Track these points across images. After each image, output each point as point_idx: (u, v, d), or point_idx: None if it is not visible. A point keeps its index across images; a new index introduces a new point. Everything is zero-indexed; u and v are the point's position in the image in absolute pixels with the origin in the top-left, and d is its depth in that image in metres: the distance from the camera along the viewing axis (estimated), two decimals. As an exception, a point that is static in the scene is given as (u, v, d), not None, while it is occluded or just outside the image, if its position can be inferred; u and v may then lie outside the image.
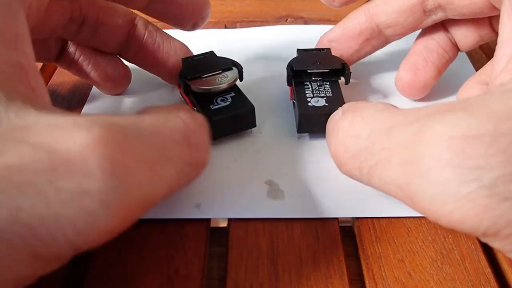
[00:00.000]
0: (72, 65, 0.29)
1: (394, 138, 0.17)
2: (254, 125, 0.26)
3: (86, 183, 0.13)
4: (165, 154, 0.17)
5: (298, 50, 0.29)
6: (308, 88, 0.27)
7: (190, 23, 0.27)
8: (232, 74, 0.26)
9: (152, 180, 0.16)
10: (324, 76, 0.27)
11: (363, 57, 0.30)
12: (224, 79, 0.26)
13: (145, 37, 0.28)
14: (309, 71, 0.27)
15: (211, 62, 0.27)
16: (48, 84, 0.32)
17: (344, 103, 0.25)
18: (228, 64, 0.27)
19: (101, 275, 0.20)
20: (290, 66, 0.27)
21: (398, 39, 0.28)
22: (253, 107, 0.25)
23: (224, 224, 0.22)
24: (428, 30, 0.28)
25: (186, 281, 0.20)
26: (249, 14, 0.41)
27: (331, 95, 0.26)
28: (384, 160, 0.17)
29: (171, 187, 0.17)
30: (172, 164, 0.17)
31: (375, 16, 0.27)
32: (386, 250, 0.21)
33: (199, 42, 0.35)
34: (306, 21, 0.40)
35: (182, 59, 0.28)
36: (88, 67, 0.28)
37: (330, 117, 0.23)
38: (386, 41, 0.29)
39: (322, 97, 0.26)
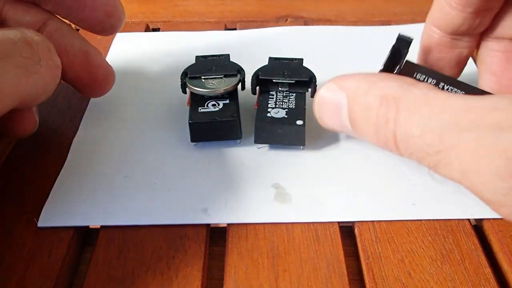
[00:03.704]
0: None
1: (447, 142, 0.18)
2: (238, 137, 0.26)
3: None
4: (2, 50, 0.19)
5: (270, 58, 0.28)
6: (273, 98, 0.26)
7: (94, 22, 0.25)
8: (232, 80, 0.26)
9: None
10: (291, 87, 0.27)
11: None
12: (222, 84, 0.26)
13: (52, 37, 0.25)
14: (274, 80, 0.26)
15: (219, 65, 0.27)
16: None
17: (305, 116, 0.25)
18: (233, 70, 0.27)
19: (101, 275, 0.20)
20: (256, 75, 0.26)
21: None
22: (237, 118, 0.25)
23: (224, 224, 0.22)
24: None
25: (186, 281, 0.20)
26: (249, 14, 0.41)
27: (293, 107, 0.26)
28: (444, 161, 0.18)
29: (19, 81, 0.20)
30: (14, 60, 0.20)
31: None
32: (386, 250, 0.21)
33: (199, 43, 0.36)
34: (306, 21, 0.40)
35: (196, 56, 0.28)
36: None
37: (324, 95, 0.22)
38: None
39: (284, 108, 0.25)
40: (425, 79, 0.26)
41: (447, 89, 0.25)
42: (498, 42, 0.25)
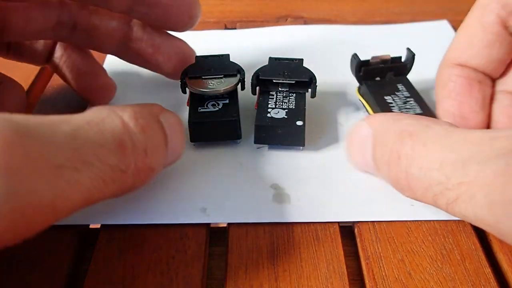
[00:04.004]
0: (57, 71, 0.29)
1: (472, 172, 0.16)
2: (238, 137, 0.26)
3: None
4: (79, 157, 0.16)
5: (270, 58, 0.28)
6: (273, 98, 0.26)
7: (178, 25, 0.27)
8: (231, 81, 0.26)
9: (56, 186, 0.15)
10: (291, 88, 0.27)
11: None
12: (221, 85, 0.26)
13: (143, 38, 0.27)
14: (274, 81, 0.26)
15: (219, 65, 0.27)
16: (48, 84, 0.32)
17: (304, 117, 0.25)
18: (233, 70, 0.27)
19: (101, 275, 0.20)
20: (256, 75, 0.26)
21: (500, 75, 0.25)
22: (236, 118, 0.25)
23: (224, 224, 0.22)
24: None
25: (186, 281, 0.20)
26: (249, 14, 0.41)
27: (293, 107, 0.26)
28: (465, 195, 0.17)
29: (91, 195, 0.16)
30: (90, 169, 0.16)
31: (467, 64, 0.25)
32: (386, 250, 0.21)
33: (199, 43, 0.36)
34: (306, 21, 0.40)
35: (196, 56, 0.28)
36: (70, 76, 0.28)
37: (353, 132, 0.22)
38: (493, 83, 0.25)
39: (284, 108, 0.25)
40: (403, 91, 0.27)
41: (412, 104, 0.26)
42: (462, 68, 0.25)
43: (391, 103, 0.26)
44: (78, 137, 0.16)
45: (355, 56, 0.28)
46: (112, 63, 0.33)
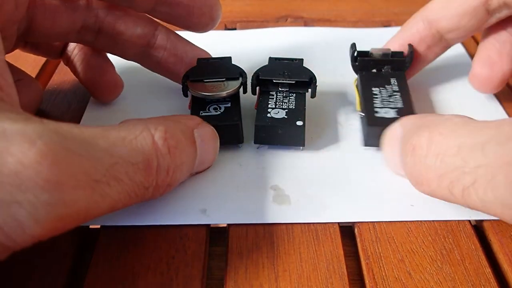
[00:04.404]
0: (69, 64, 0.29)
1: (491, 154, 0.16)
2: (240, 141, 0.26)
3: (16, 195, 0.15)
4: (113, 174, 0.17)
5: (270, 58, 0.28)
6: (273, 98, 0.26)
7: (200, 25, 0.27)
8: (234, 84, 0.26)
9: (91, 197, 0.16)
10: (291, 88, 0.27)
11: (426, 65, 0.29)
12: (223, 88, 0.26)
13: (166, 47, 0.28)
14: (275, 81, 0.26)
15: (221, 68, 0.27)
16: (48, 83, 0.32)
17: (304, 117, 0.25)
18: (235, 73, 0.27)
19: (101, 275, 0.20)
20: (256, 75, 0.26)
21: (460, 42, 0.28)
22: (238, 122, 0.25)
23: (224, 224, 0.22)
24: (498, 23, 0.27)
25: (186, 281, 0.20)
26: (249, 14, 0.41)
27: (293, 107, 0.25)
28: (483, 178, 0.16)
29: (115, 206, 0.18)
30: (120, 185, 0.17)
31: (434, 22, 0.27)
32: (386, 250, 0.21)
33: (199, 44, 0.36)
34: (306, 21, 0.40)
35: (198, 59, 0.28)
36: (79, 69, 0.28)
37: (388, 131, 0.23)
38: (447, 46, 0.28)
39: (284, 108, 0.25)
40: (393, 85, 0.27)
41: (396, 98, 0.26)
42: (426, 27, 0.28)
43: (376, 95, 0.26)
44: (114, 154, 0.17)
45: (352, 46, 0.28)
46: (114, 63, 0.33)
